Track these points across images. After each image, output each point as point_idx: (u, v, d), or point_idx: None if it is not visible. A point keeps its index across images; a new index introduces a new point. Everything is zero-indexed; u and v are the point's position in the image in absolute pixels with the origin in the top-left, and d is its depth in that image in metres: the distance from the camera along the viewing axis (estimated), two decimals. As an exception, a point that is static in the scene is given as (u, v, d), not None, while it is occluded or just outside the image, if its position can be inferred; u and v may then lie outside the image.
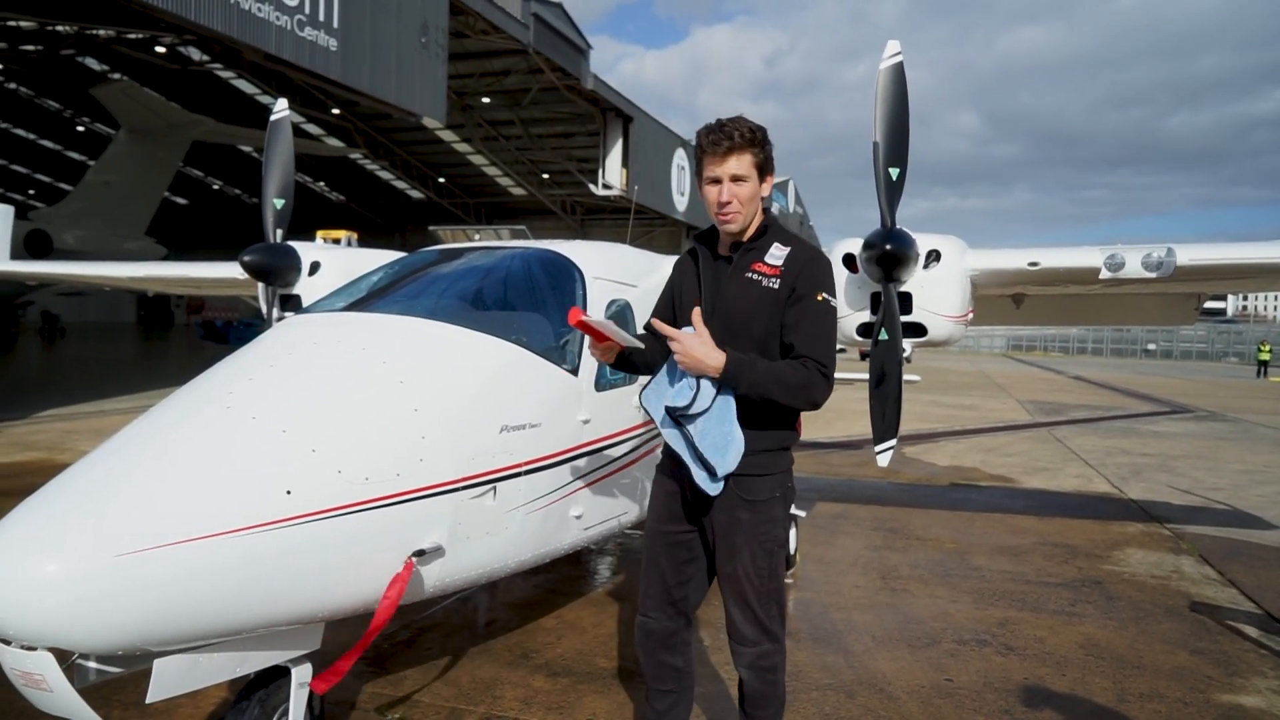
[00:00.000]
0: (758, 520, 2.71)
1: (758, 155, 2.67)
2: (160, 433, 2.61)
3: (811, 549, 6.53)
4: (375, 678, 4.01)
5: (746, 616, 2.73)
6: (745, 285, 2.70)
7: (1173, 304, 6.77)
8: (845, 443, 12.64)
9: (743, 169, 2.65)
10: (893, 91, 4.52)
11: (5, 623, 2.13)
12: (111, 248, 27.05)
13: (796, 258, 2.69)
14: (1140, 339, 57.03)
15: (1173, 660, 4.51)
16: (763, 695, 2.78)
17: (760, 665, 2.75)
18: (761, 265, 2.69)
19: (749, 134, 2.64)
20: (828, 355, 2.63)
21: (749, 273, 2.70)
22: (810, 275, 2.66)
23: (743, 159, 2.64)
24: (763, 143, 2.68)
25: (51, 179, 43.81)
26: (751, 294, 2.68)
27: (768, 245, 2.73)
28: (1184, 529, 7.64)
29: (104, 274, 9.88)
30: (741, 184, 2.65)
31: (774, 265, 2.68)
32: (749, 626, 2.74)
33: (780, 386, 2.57)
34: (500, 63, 26.97)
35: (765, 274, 2.68)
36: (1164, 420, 17.60)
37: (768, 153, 2.70)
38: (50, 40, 24.57)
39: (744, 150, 2.64)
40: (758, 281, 2.68)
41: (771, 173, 2.73)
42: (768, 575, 2.72)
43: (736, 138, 2.63)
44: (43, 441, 10.54)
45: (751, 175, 2.67)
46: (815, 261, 2.70)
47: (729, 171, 2.65)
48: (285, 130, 5.91)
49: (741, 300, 2.70)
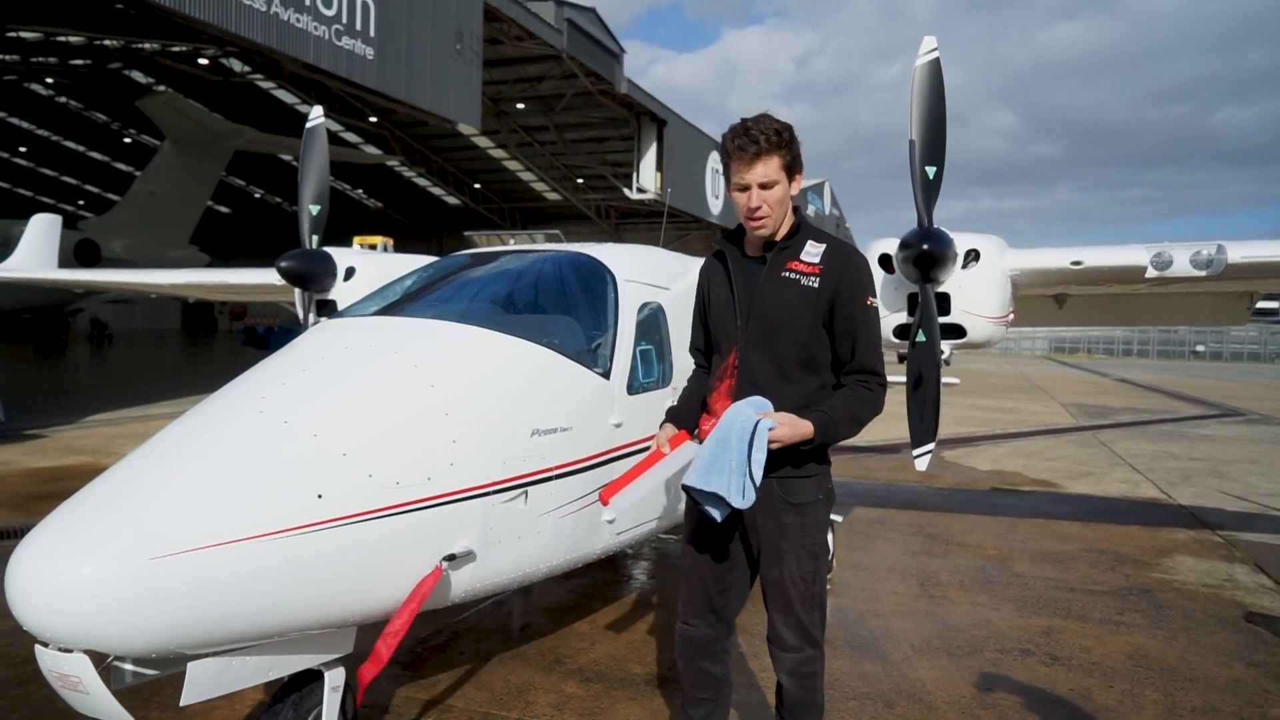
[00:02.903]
0: (803, 524, 2.69)
1: (785, 157, 2.61)
2: (194, 437, 2.64)
3: (849, 555, 6.43)
4: (408, 681, 4.01)
5: (789, 622, 2.70)
6: (782, 285, 2.65)
7: (1223, 304, 6.56)
8: (883, 446, 12.46)
9: (770, 174, 2.59)
10: (929, 88, 4.44)
11: (42, 625, 2.16)
12: (157, 256, 27.71)
13: (835, 255, 2.65)
14: (1189, 340, 55.59)
15: (1227, 673, 4.34)
16: (803, 702, 2.73)
17: (801, 671, 2.71)
18: (798, 264, 2.65)
19: (774, 136, 2.58)
20: (882, 362, 2.65)
21: (785, 272, 2.66)
22: (854, 278, 2.63)
23: (770, 163, 2.59)
24: (789, 143, 2.61)
25: (100, 190, 45.03)
26: (791, 294, 2.64)
27: (802, 243, 2.69)
28: (1237, 536, 7.39)
29: (148, 281, 10.12)
30: (770, 189, 2.61)
31: (811, 263, 2.64)
32: (791, 632, 2.70)
33: (855, 424, 2.62)
34: (534, 68, 27.14)
35: (803, 272, 2.63)
36: (1214, 424, 17.11)
37: (795, 152, 2.64)
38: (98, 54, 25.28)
39: (771, 154, 2.58)
40: (796, 280, 2.64)
41: (800, 171, 2.68)
42: (812, 579, 2.69)
43: (763, 142, 2.57)
44: (89, 446, 10.79)
45: (780, 178, 2.62)
46: (856, 261, 2.67)
47: (757, 178, 2.59)
48: (320, 137, 5.97)
49: (780, 300, 2.65)
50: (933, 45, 4.47)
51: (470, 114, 19.22)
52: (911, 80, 4.48)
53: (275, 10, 13.51)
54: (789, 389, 2.65)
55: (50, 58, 26.04)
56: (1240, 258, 4.83)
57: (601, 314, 3.94)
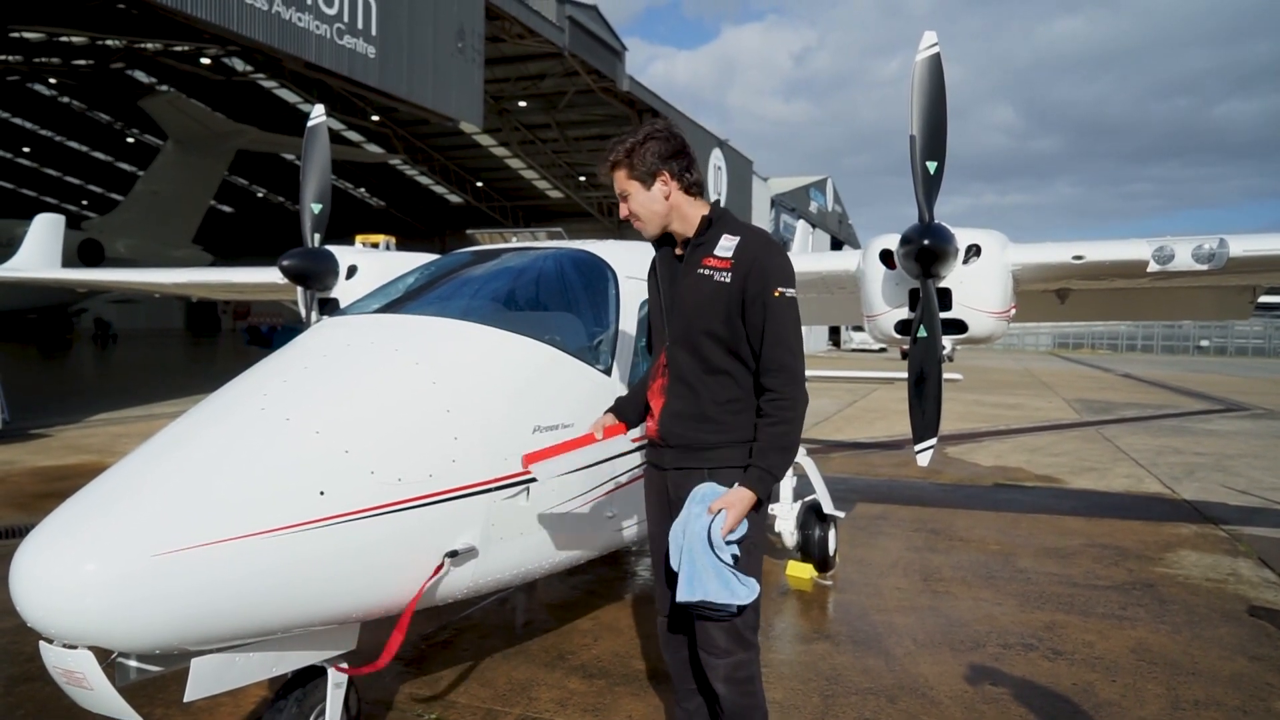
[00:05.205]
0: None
1: (628, 168, 2.71)
2: (197, 435, 2.64)
3: (851, 550, 6.43)
4: (412, 678, 4.02)
5: (720, 623, 2.59)
6: (698, 282, 2.66)
7: (1226, 297, 6.53)
8: (885, 443, 12.46)
9: (621, 185, 2.75)
10: (930, 84, 4.43)
11: (46, 621, 2.17)
12: (160, 255, 27.80)
13: (746, 248, 2.63)
14: (1192, 335, 55.50)
15: (1230, 666, 4.34)
16: (743, 708, 2.65)
17: (737, 677, 2.62)
18: (711, 259, 2.65)
19: (615, 151, 2.73)
20: (792, 355, 2.59)
21: (700, 269, 2.67)
22: (762, 269, 2.59)
23: (617, 175, 2.75)
24: (630, 153, 2.69)
25: (103, 189, 45.16)
26: (705, 290, 2.64)
27: (716, 237, 2.68)
28: (1241, 530, 7.38)
29: (152, 280, 10.13)
30: (627, 199, 2.74)
31: (724, 257, 2.64)
32: (723, 635, 2.60)
33: (786, 452, 2.59)
34: (536, 66, 27.16)
35: (716, 268, 2.64)
36: (1218, 418, 17.08)
37: (645, 159, 2.68)
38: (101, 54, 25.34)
39: (616, 168, 2.74)
40: (709, 277, 2.64)
41: (662, 171, 2.68)
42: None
43: (610, 158, 2.74)
44: (93, 444, 10.83)
45: (630, 188, 2.72)
46: (766, 253, 2.63)
47: (618, 189, 2.76)
48: (322, 135, 5.97)
49: (695, 298, 2.65)
50: (933, 40, 4.46)
51: (472, 112, 19.23)
52: (912, 75, 4.47)
53: (277, 9, 13.52)
54: (715, 384, 2.64)
55: (53, 58, 26.12)
56: (1242, 251, 4.81)
57: (603, 310, 3.94)
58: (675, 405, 2.71)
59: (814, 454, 6.44)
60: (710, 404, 2.64)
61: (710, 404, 2.64)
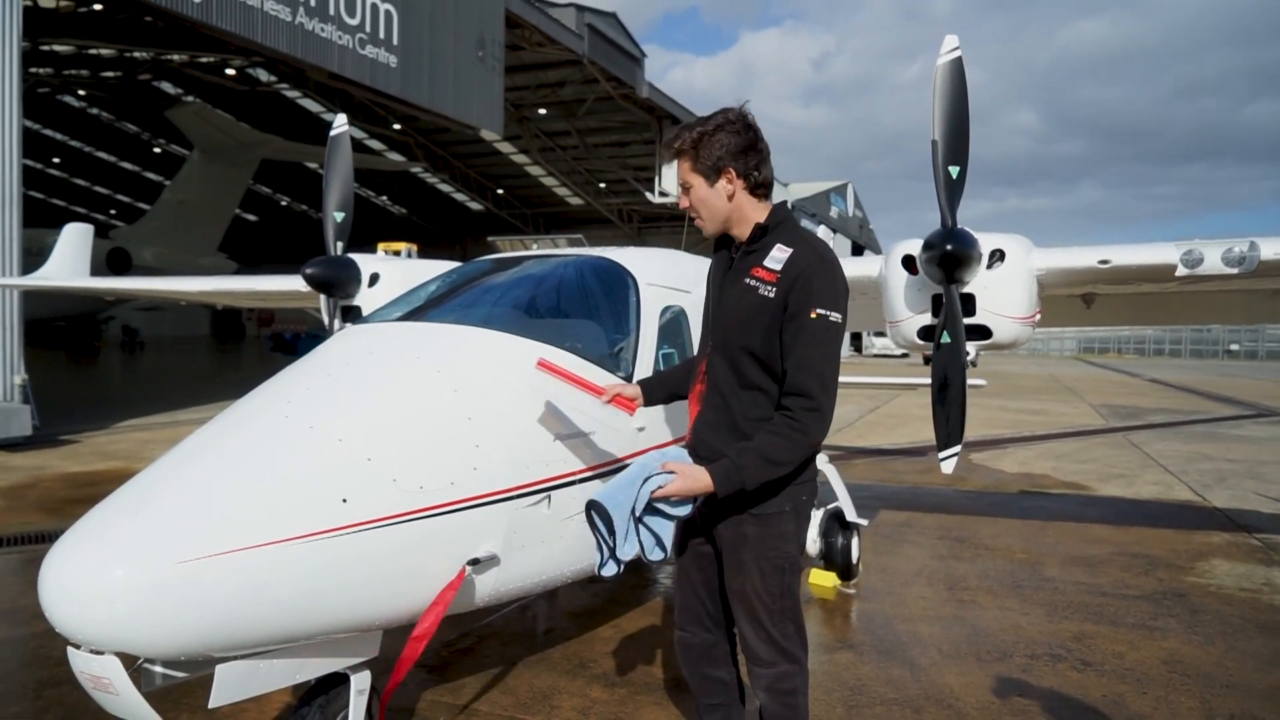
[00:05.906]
0: (764, 535, 2.54)
1: (692, 160, 2.55)
2: (221, 442, 2.66)
3: (875, 559, 6.37)
4: (434, 685, 4.03)
5: (760, 636, 2.57)
6: (743, 293, 2.53)
7: (1257, 301, 6.42)
8: (909, 449, 12.36)
9: (684, 176, 2.60)
10: (951, 87, 4.39)
11: (73, 627, 2.19)
12: (186, 264, 28.20)
13: (795, 262, 2.46)
14: (1222, 339, 54.59)
15: (1267, 679, 4.25)
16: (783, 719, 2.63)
17: (779, 688, 2.59)
18: (760, 270, 2.50)
19: (679, 140, 2.57)
20: (819, 382, 2.40)
21: (748, 278, 2.53)
22: (804, 288, 2.41)
23: (682, 167, 2.59)
24: (696, 144, 2.53)
25: (131, 199, 45.86)
26: (749, 303, 2.50)
27: (769, 246, 2.53)
28: (1275, 539, 7.23)
29: (178, 289, 10.27)
30: (689, 191, 2.60)
31: (772, 270, 2.48)
32: (763, 646, 2.57)
33: (770, 466, 2.40)
34: (556, 74, 27.29)
35: (763, 279, 2.49)
36: (1249, 424, 16.78)
37: (710, 152, 2.52)
38: (128, 66, 25.75)
39: (681, 159, 2.58)
40: (754, 289, 2.50)
41: (729, 168, 2.52)
42: (779, 593, 2.55)
43: (675, 145, 2.58)
44: (121, 451, 10.97)
45: (692, 180, 2.57)
46: (813, 270, 2.44)
47: (680, 179, 2.62)
48: (344, 144, 6.03)
49: (737, 310, 2.54)
50: (955, 44, 4.42)
51: (492, 120, 19.36)
52: (933, 80, 4.43)
53: (300, 20, 13.69)
54: (748, 399, 2.55)
55: (82, 70, 26.58)
56: (1274, 254, 4.72)
57: (623, 317, 3.93)
58: (708, 415, 2.66)
59: (836, 460, 6.38)
60: (741, 419, 2.55)
61: (741, 419, 2.55)
